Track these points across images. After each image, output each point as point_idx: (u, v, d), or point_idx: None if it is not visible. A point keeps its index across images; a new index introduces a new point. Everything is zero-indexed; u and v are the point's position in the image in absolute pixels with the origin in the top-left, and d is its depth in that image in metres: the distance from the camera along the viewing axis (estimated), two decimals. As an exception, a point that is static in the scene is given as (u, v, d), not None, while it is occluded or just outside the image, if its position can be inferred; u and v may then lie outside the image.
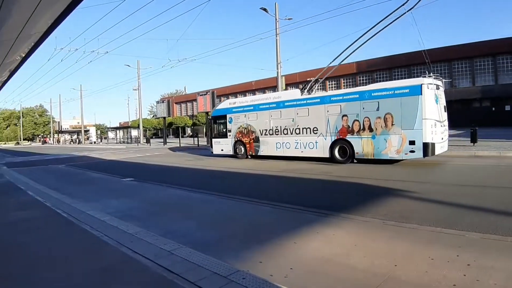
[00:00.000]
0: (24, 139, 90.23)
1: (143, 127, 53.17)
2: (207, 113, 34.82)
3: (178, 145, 34.29)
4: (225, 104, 20.37)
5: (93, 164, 20.52)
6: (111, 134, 67.43)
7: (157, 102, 47.07)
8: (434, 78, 12.76)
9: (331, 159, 14.42)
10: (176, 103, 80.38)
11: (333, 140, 14.39)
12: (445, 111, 13.43)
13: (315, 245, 4.79)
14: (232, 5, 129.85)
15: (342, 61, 16.35)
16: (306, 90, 17.37)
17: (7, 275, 3.94)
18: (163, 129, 44.94)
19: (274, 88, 55.41)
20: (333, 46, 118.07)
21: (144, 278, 3.63)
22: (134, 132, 53.20)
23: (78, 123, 74.37)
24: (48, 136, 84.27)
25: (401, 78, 46.49)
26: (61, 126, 77.76)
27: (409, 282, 3.54)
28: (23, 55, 10.19)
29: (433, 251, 4.25)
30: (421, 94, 11.96)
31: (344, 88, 52.10)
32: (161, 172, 15.45)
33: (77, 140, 69.37)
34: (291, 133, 16.06)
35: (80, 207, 7.42)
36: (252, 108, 18.20)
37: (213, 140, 20.57)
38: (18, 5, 6.10)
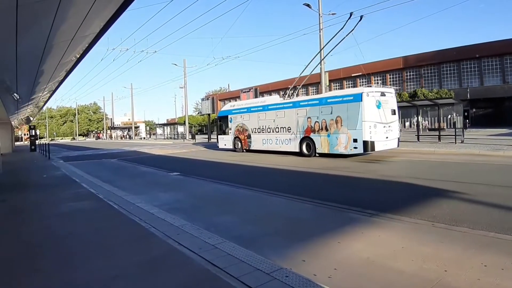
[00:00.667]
0: (79, 135, 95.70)
1: (189, 123, 54.48)
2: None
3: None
4: (227, 106, 24.12)
5: (142, 158, 21.35)
6: (159, 130, 69.67)
7: (202, 100, 48.04)
8: (382, 87, 16.46)
9: (300, 154, 17.44)
10: (220, 100, 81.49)
11: (301, 137, 17.46)
12: (394, 114, 15.92)
13: (360, 245, 4.67)
14: (275, 2, 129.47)
15: (312, 70, 21.34)
16: (287, 96, 20.98)
17: (62, 263, 4.19)
18: (207, 126, 45.81)
19: (317, 84, 54.82)
20: (378, 40, 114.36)
21: (189, 270, 3.72)
22: (180, 128, 54.61)
23: (129, 119, 77.66)
24: (102, 132, 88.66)
25: (451, 74, 44.65)
26: (113, 122, 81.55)
27: (459, 289, 3.36)
28: (78, 56, 10.75)
29: (486, 257, 4.02)
30: (361, 100, 14.48)
31: (389, 84, 50.63)
32: (205, 167, 15.78)
33: (128, 136, 72.32)
34: (273, 132, 19.44)
35: (130, 199, 7.75)
36: (245, 110, 21.65)
37: (219, 137, 24.40)
38: (73, 9, 6.43)
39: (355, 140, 14.74)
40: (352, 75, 54.86)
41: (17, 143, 56.31)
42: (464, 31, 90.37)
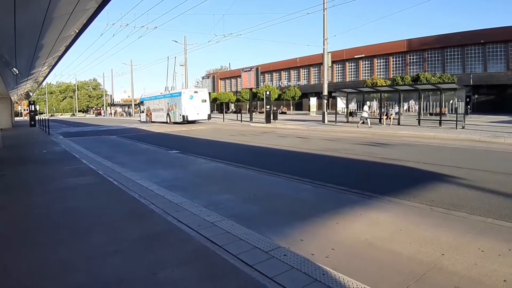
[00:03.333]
0: (79, 111, 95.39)
1: (189, 102, 54.14)
2: (251, 89, 34.87)
3: (222, 120, 34.78)
4: (143, 96, 42.69)
5: (142, 136, 21.33)
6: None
7: (203, 78, 47.82)
8: (194, 90, 32.36)
9: (166, 122, 33.03)
10: (220, 79, 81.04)
11: (166, 113, 33.34)
12: (204, 102, 31.64)
13: (358, 227, 4.70)
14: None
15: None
16: (165, 90, 37.23)
17: (61, 238, 4.22)
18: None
19: (319, 65, 54.33)
20: (383, 22, 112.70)
21: (188, 247, 3.75)
22: (180, 106, 54.36)
23: (129, 96, 77.11)
24: (102, 108, 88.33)
25: (455, 59, 44.50)
26: (113, 99, 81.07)
27: (456, 273, 3.39)
28: (77, 30, 10.59)
29: (483, 243, 4.05)
30: (181, 96, 30.25)
31: (392, 66, 51.23)
32: (204, 145, 15.79)
33: (128, 113, 72.03)
34: (158, 110, 35.79)
35: (130, 176, 7.77)
36: (148, 99, 39.01)
37: (140, 114, 42.46)
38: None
39: (181, 115, 30.57)
40: (355, 56, 54.36)
41: (16, 118, 56.17)
42: (469, 16, 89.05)
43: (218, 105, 73.06)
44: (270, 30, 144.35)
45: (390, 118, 22.90)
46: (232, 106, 73.29)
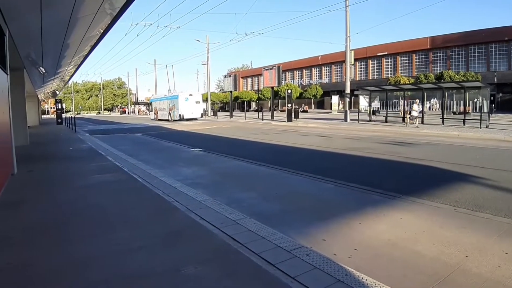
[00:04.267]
0: (104, 109, 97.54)
1: (211, 100, 54.64)
2: (272, 87, 34.83)
3: (243, 119, 34.87)
4: (152, 97, 51.01)
5: (165, 134, 21.65)
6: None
7: (224, 77, 47.98)
8: (189, 93, 38.28)
9: (168, 120, 37.80)
10: (242, 77, 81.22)
11: (168, 112, 38.79)
12: (197, 103, 37.92)
13: (381, 227, 4.65)
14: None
15: None
16: (168, 93, 43.75)
17: (87, 233, 4.33)
18: (229, 103, 45.88)
19: (341, 63, 53.73)
20: (406, 19, 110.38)
21: (211, 244, 3.79)
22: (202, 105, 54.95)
23: (152, 95, 78.22)
24: (126, 106, 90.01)
25: (479, 57, 43.27)
26: (137, 98, 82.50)
27: (480, 275, 3.31)
28: (102, 31, 10.81)
29: (508, 245, 3.94)
30: (178, 98, 37.01)
31: (415, 64, 50.39)
32: (226, 144, 15.87)
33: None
34: (162, 110, 41.66)
35: (154, 173, 7.91)
36: (156, 99, 45.99)
37: (150, 113, 49.89)
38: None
39: (178, 114, 36.59)
40: (378, 54, 53.52)
41: (43, 116, 57.85)
42: (493, 13, 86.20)
43: (239, 104, 73.27)
44: (292, 28, 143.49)
45: (413, 117, 22.44)
46: (253, 105, 73.38)
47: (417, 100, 21.69)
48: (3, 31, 7.94)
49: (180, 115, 36.61)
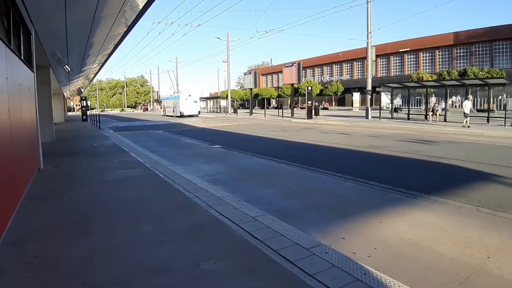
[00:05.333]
0: (127, 107, 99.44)
1: (231, 97, 54.87)
2: (292, 84, 34.66)
3: (263, 116, 34.87)
4: (162, 97, 60.58)
5: (186, 131, 21.90)
6: (202, 104, 70.86)
7: (244, 74, 48.08)
8: (188, 93, 44.42)
9: (172, 116, 44.08)
10: (262, 74, 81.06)
11: (173, 109, 45.40)
12: (195, 102, 44.09)
13: (402, 226, 4.59)
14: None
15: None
16: (173, 92, 55.73)
17: (111, 227, 4.46)
18: (249, 100, 45.99)
19: (363, 59, 52.97)
20: (429, 14, 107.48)
21: (230, 240, 3.84)
22: (223, 102, 55.30)
23: (174, 93, 79.22)
24: (148, 104, 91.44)
25: (503, 53, 42.08)
26: (159, 95, 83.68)
27: (501, 276, 3.25)
28: (125, 29, 11.01)
29: (532, 246, 3.83)
30: (179, 98, 43.82)
31: (438, 60, 49.16)
32: (246, 141, 15.93)
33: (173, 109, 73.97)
34: (169, 107, 48.11)
35: (175, 169, 8.04)
36: (165, 98, 53.79)
37: (160, 110, 57.41)
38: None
39: (179, 111, 42.40)
40: (400, 50, 52.53)
41: (69, 113, 59.37)
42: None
43: (259, 101, 73.30)
44: (312, 24, 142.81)
45: (436, 115, 22.01)
46: (273, 102, 73.29)
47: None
48: (30, 31, 8.19)
49: (180, 112, 42.71)
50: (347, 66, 63.67)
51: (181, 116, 42.01)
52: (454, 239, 4.12)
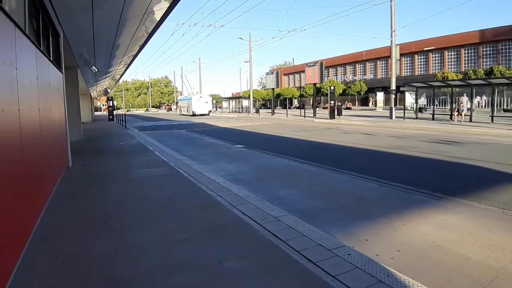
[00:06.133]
0: (152, 107, 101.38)
1: (253, 97, 55.10)
2: (315, 84, 34.43)
3: (285, 116, 34.79)
4: (179, 97, 69.47)
5: (209, 130, 22.12)
6: (224, 104, 71.56)
7: (266, 74, 48.15)
8: (200, 95, 53.33)
9: (186, 115, 50.82)
10: (284, 74, 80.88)
11: (187, 109, 51.73)
12: (205, 103, 50.61)
13: (426, 229, 4.52)
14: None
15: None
16: (188, 94, 64.11)
17: (135, 224, 4.58)
18: (271, 100, 45.97)
19: (386, 58, 52.11)
20: (454, 12, 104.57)
21: (252, 240, 3.88)
22: (245, 102, 55.55)
23: (197, 93, 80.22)
24: (172, 104, 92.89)
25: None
26: (183, 95, 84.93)
27: (528, 280, 3.17)
28: (150, 30, 11.23)
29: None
30: (192, 99, 50.72)
31: (464, 59, 48.11)
32: (268, 141, 15.93)
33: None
34: (184, 107, 54.73)
35: (198, 168, 8.17)
36: (181, 100, 61.20)
37: (177, 109, 67.25)
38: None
39: (191, 110, 49.43)
40: (424, 49, 51.46)
41: (96, 113, 61.09)
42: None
43: (281, 101, 73.22)
44: (335, 23, 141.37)
45: (461, 115, 21.47)
46: (295, 102, 73.09)
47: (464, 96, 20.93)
48: (58, 32, 8.48)
49: (193, 111, 49.50)
50: (371, 65, 62.83)
51: (193, 115, 48.55)
52: (479, 242, 4.04)
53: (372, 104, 61.05)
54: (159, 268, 3.26)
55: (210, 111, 51.98)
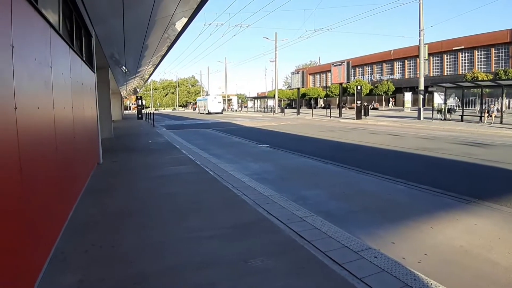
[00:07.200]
0: (179, 106, 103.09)
1: (278, 97, 55.03)
2: (341, 84, 34.03)
3: (311, 116, 34.57)
4: (198, 98, 77.89)
5: (234, 130, 22.29)
6: (250, 103, 71.95)
7: (292, 73, 47.98)
8: (214, 96, 62.03)
9: (203, 113, 58.59)
10: (309, 74, 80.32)
11: (204, 108, 60.28)
12: (219, 103, 58.88)
13: (454, 233, 4.44)
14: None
15: None
16: (205, 95, 78.40)
17: (163, 220, 4.70)
18: (296, 100, 45.78)
19: (414, 58, 50.95)
20: (485, 10, 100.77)
21: (278, 239, 3.92)
22: (270, 102, 55.57)
23: (223, 92, 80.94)
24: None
25: None
26: (209, 95, 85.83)
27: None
28: (179, 30, 11.44)
29: None
30: (207, 100, 59.31)
31: (494, 58, 46.73)
32: (293, 141, 15.88)
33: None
34: (201, 107, 63.81)
35: (224, 167, 8.28)
36: (199, 100, 69.69)
37: (196, 109, 78.70)
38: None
39: (207, 109, 57.09)
40: (453, 48, 49.95)
41: (125, 112, 62.81)
42: None
43: (306, 101, 72.80)
44: (362, 22, 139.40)
45: (491, 116, 20.77)
46: (320, 102, 72.51)
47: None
48: (90, 33, 8.75)
49: (208, 110, 56.73)
50: (398, 65, 61.61)
51: (209, 113, 55.76)
52: (509, 247, 3.95)
53: (392, 104, 60.07)
54: (185, 264, 3.34)
55: (223, 110, 59.94)
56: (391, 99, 60.04)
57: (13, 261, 2.55)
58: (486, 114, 21.09)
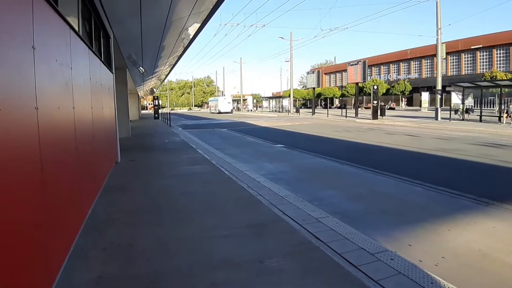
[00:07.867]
0: (194, 105, 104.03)
1: (293, 97, 54.89)
2: (357, 83, 33.70)
3: (326, 116, 34.36)
4: (209, 99, 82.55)
5: (249, 129, 22.35)
6: (265, 103, 71.99)
7: (307, 73, 47.81)
8: (224, 97, 67.85)
9: (214, 113, 63.29)
10: (325, 73, 79.79)
11: (215, 108, 65.23)
12: (228, 103, 64.23)
13: (472, 235, 4.38)
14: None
15: None
16: (215, 95, 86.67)
17: (178, 219, 4.76)
18: (312, 100, 45.57)
19: (432, 57, 50.09)
20: (504, 8, 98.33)
21: (293, 240, 3.93)
22: (285, 102, 55.38)
23: (238, 92, 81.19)
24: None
25: None
26: (224, 95, 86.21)
27: None
28: (195, 31, 11.54)
29: None
30: (218, 100, 65.06)
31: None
32: (308, 141, 15.85)
33: (237, 108, 75.81)
34: (213, 107, 67.46)
35: (239, 167, 8.32)
36: (210, 100, 76.91)
37: (208, 108, 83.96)
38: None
39: (217, 109, 62.56)
40: (472, 47, 48.93)
41: (142, 112, 63.65)
42: None
43: (322, 100, 72.40)
44: (378, 21, 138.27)
45: (510, 116, 20.32)
46: (336, 102, 72.01)
47: None
48: (109, 34, 8.90)
49: (218, 110, 61.39)
50: (415, 64, 60.72)
51: (219, 112, 59.88)
52: (530, 252, 3.87)
53: (404, 104, 59.24)
54: (201, 263, 3.38)
55: (232, 110, 64.77)
56: (403, 99, 59.18)
57: (38, 254, 2.64)
58: (505, 114, 20.66)
